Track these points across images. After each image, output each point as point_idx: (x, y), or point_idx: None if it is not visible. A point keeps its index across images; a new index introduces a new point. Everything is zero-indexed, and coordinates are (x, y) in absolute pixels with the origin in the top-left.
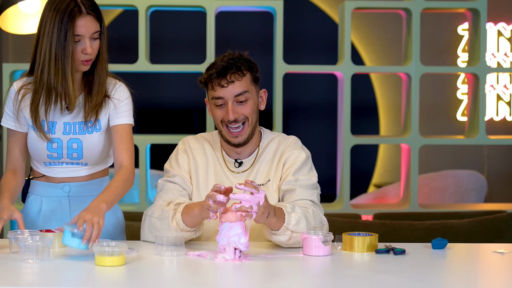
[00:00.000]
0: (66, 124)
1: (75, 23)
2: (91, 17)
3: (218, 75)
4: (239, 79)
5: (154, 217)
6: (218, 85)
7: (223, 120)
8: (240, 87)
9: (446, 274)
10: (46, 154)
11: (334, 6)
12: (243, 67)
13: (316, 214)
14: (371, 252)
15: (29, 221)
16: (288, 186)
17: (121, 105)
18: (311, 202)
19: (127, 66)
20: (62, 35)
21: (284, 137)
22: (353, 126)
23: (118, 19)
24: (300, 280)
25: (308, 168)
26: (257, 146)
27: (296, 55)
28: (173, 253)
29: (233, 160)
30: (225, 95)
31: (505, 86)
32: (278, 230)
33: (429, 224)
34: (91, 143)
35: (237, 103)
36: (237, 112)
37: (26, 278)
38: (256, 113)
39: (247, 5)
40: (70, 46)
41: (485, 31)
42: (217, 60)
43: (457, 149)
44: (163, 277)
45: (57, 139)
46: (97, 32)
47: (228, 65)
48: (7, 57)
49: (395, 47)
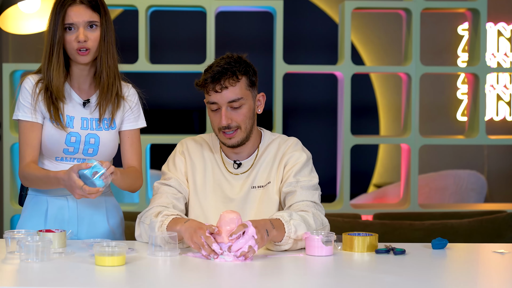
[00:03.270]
0: (84, 119)
1: (66, 11)
2: (85, 6)
3: (212, 79)
4: (233, 84)
5: (146, 224)
6: (212, 90)
7: (218, 125)
8: (233, 93)
9: (446, 274)
10: (62, 148)
11: (334, 6)
12: (238, 72)
13: (317, 216)
14: (371, 252)
15: (35, 222)
16: (289, 188)
17: (135, 108)
18: (312, 203)
19: (127, 66)
20: (55, 24)
21: (284, 139)
22: (353, 126)
23: (118, 19)
24: (300, 280)
25: (309, 170)
26: (256, 147)
27: (296, 55)
28: (167, 253)
29: (232, 161)
30: (219, 100)
31: (505, 86)
32: (281, 241)
33: (429, 224)
34: (107, 140)
35: (231, 108)
36: (230, 118)
37: (26, 278)
38: (251, 118)
39: (247, 5)
40: (58, 34)
41: (485, 31)
42: (214, 63)
43: (457, 149)
44: (164, 277)
45: (75, 133)
46: (94, 22)
47: (223, 70)
48: (7, 57)
49: (395, 47)
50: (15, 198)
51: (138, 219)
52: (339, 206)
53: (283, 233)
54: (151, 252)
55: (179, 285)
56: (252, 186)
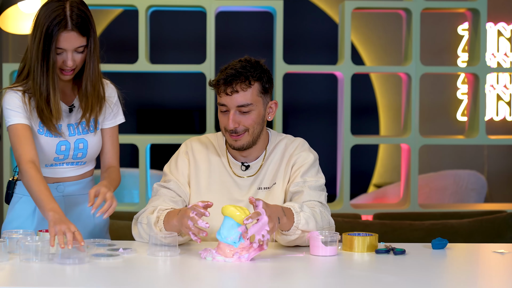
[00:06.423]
0: (70, 126)
1: (58, 36)
2: (76, 32)
3: (224, 81)
4: (244, 89)
5: (144, 224)
6: (224, 92)
7: (225, 127)
8: (243, 99)
9: (446, 274)
10: (53, 157)
11: (334, 6)
12: (251, 77)
13: (324, 215)
14: (371, 252)
15: (21, 222)
16: (297, 188)
17: (113, 106)
18: (319, 203)
19: (127, 66)
20: (46, 45)
21: (291, 139)
22: (353, 126)
23: (118, 19)
24: (300, 280)
25: (316, 170)
26: (264, 149)
27: (296, 55)
28: (167, 253)
29: (239, 163)
30: (228, 103)
31: (505, 86)
32: (289, 230)
33: (429, 224)
34: (95, 142)
35: (240, 113)
36: (237, 122)
37: (26, 278)
38: (260, 124)
39: (247, 5)
40: (52, 58)
41: (485, 31)
42: (230, 64)
43: (457, 149)
44: (164, 277)
45: (65, 141)
46: (82, 47)
47: (236, 73)
48: (7, 57)
49: (395, 47)
50: None
51: (134, 220)
52: (339, 206)
53: (292, 223)
54: (151, 252)
55: (179, 285)
56: (258, 188)
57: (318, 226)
